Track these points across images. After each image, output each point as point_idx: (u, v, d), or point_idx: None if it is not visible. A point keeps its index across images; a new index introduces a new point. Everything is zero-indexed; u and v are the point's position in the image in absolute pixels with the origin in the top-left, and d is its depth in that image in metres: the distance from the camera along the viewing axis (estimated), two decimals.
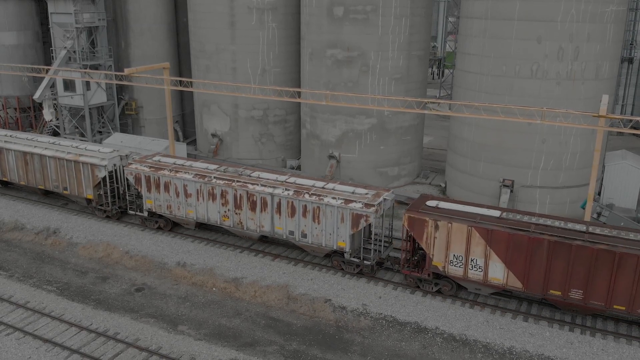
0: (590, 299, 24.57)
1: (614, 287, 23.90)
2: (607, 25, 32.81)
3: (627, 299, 23.86)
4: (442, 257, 26.77)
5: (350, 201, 28.44)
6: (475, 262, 26.13)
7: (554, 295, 25.20)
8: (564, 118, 31.14)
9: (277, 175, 31.89)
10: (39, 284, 29.15)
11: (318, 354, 23.55)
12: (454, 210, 27.02)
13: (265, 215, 30.41)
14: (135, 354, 23.44)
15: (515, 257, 25.27)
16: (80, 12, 46.08)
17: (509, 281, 25.76)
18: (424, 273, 27.66)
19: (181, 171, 32.54)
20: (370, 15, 38.04)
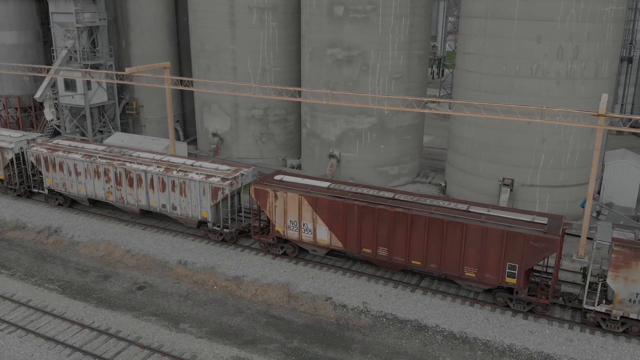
0: (394, 256, 28.17)
1: (410, 244, 27.43)
2: (607, 24, 32.92)
3: (421, 254, 27.40)
4: (282, 222, 30.36)
5: (211, 176, 32.05)
6: (306, 226, 29.83)
7: (366, 252, 28.82)
8: (564, 117, 31.25)
9: (154, 154, 35.94)
10: (40, 283, 29.26)
11: (319, 352, 23.66)
12: (292, 183, 30.84)
13: (141, 190, 34.03)
14: (137, 352, 23.55)
15: (335, 221, 28.91)
16: (81, 11, 46.18)
17: (332, 242, 29.49)
18: (269, 237, 31.30)
19: (73, 152, 36.33)
20: (370, 15, 38.15)
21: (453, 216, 26.47)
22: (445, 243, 26.56)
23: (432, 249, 26.97)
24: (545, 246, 24.68)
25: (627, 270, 23.43)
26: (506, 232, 25.15)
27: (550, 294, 25.78)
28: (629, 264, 23.35)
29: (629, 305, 23.86)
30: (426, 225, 26.73)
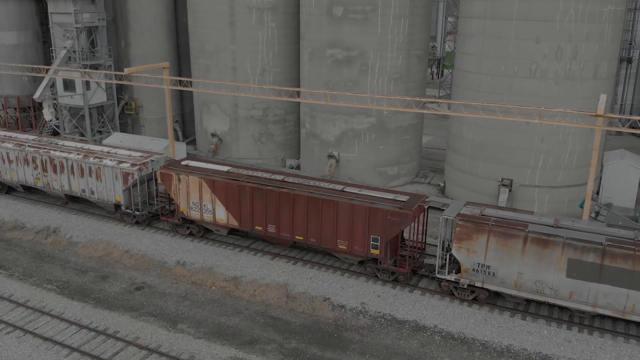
0: (281, 232, 30.56)
1: (293, 221, 29.88)
2: (606, 25, 32.91)
3: (303, 230, 29.76)
4: (186, 204, 32.72)
5: (122, 162, 34.65)
6: (206, 207, 32.09)
7: (258, 230, 31.19)
8: (563, 117, 31.26)
9: (76, 143, 38.67)
10: (39, 283, 29.24)
11: (317, 352, 23.65)
12: (195, 167, 33.10)
13: (64, 176, 36.77)
14: (135, 352, 23.54)
15: (231, 201, 31.27)
16: (80, 12, 46.16)
17: (229, 221, 31.75)
18: (175, 218, 33.60)
19: (7, 141, 38.82)
20: (369, 15, 38.14)
21: (328, 195, 29.05)
22: (321, 219, 29.14)
23: (311, 225, 29.53)
24: (400, 220, 27.35)
25: (469, 242, 25.89)
26: (369, 208, 27.86)
27: (408, 264, 28.16)
28: (470, 236, 25.81)
29: (473, 274, 26.29)
30: (306, 203, 29.31)
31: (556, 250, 24.53)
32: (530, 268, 25.08)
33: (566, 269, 24.49)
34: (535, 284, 25.27)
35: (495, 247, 25.47)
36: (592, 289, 24.39)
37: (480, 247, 25.73)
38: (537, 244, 24.77)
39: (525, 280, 25.37)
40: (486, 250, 25.64)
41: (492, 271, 25.83)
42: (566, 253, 24.39)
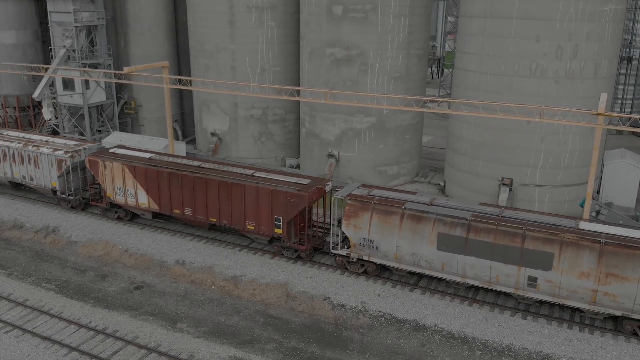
0: (197, 215, 32.64)
1: (207, 204, 31.85)
2: (606, 24, 32.84)
3: (216, 212, 31.86)
4: (112, 189, 34.89)
5: (57, 150, 36.67)
6: (130, 192, 34.24)
7: (176, 212, 33.17)
8: (563, 116, 31.20)
9: (18, 132, 40.93)
10: (38, 282, 29.17)
11: (317, 352, 23.57)
12: (120, 154, 35.35)
13: (6, 164, 38.89)
14: (134, 352, 23.46)
15: (151, 186, 33.38)
16: (79, 11, 46.09)
17: (150, 205, 33.90)
18: (103, 203, 35.84)
19: None
20: (369, 14, 38.07)
21: (237, 179, 31.10)
22: (232, 202, 31.26)
23: (223, 207, 31.61)
24: (298, 201, 29.51)
25: (356, 219, 28.18)
26: (271, 190, 30.06)
27: (308, 242, 30.34)
28: (357, 214, 28.11)
29: (360, 249, 28.54)
30: (217, 187, 31.42)
31: (428, 225, 26.66)
32: (406, 242, 27.17)
33: (437, 242, 26.45)
34: (412, 256, 27.33)
35: (377, 223, 27.67)
36: (460, 260, 26.25)
37: (365, 223, 27.93)
38: (412, 219, 27.02)
39: (404, 253, 27.47)
40: (369, 226, 27.88)
41: (376, 245, 28.02)
42: (436, 228, 26.44)
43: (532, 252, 24.79)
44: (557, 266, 24.46)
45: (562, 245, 24.41)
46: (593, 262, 23.95)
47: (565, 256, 24.32)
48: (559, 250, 24.42)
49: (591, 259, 23.97)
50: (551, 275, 24.67)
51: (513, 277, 25.48)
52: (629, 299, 23.77)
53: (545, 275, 24.79)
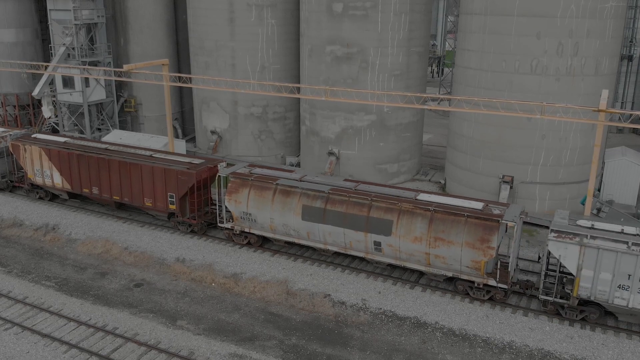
0: (103, 193, 35.25)
1: (111, 183, 34.48)
2: (607, 21, 32.76)
3: (119, 191, 34.51)
4: (32, 171, 37.65)
5: None
6: (46, 173, 37.09)
7: (85, 191, 35.95)
8: (564, 113, 31.11)
9: None
10: (37, 280, 29.08)
11: (317, 349, 23.48)
12: (39, 139, 37.76)
13: None
14: (134, 349, 23.37)
15: (64, 167, 36.11)
16: (79, 8, 45.98)
17: (64, 185, 36.66)
18: (25, 184, 38.92)
19: None
20: (369, 12, 37.99)
21: (135, 159, 33.55)
22: (131, 181, 33.78)
23: (124, 186, 34.16)
24: (187, 178, 32.04)
25: (236, 195, 30.69)
26: (164, 169, 32.57)
27: (198, 217, 32.98)
28: (237, 190, 30.69)
29: (242, 222, 31.29)
30: (119, 167, 33.99)
31: (295, 199, 29.38)
32: (278, 214, 29.78)
33: (301, 213, 29.09)
34: (283, 227, 29.99)
35: (254, 197, 30.28)
36: (320, 229, 28.96)
37: (244, 198, 30.51)
38: (282, 194, 29.74)
39: (277, 224, 30.07)
40: (248, 201, 30.41)
41: (254, 218, 30.60)
42: (301, 200, 29.19)
43: (376, 220, 27.40)
44: (396, 232, 27.02)
45: (399, 214, 26.98)
46: (424, 228, 26.34)
47: (402, 223, 26.85)
48: (397, 217, 26.97)
49: (423, 225, 26.39)
50: (391, 240, 27.23)
51: (362, 243, 28.16)
52: (455, 261, 26.07)
53: (387, 240, 27.37)
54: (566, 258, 23.93)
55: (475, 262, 25.56)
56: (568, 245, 23.76)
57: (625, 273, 23.18)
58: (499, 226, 25.14)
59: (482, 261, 25.38)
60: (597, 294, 23.91)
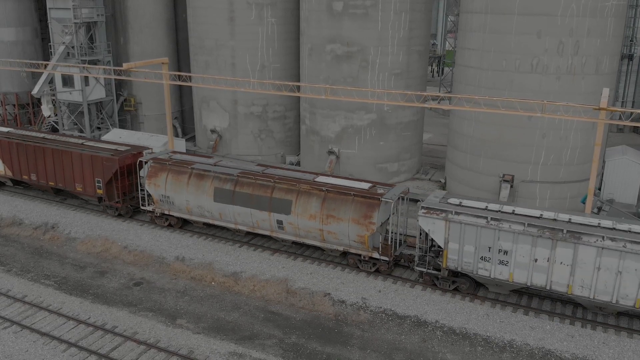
0: (40, 179, 37.39)
1: (46, 170, 36.88)
2: (608, 19, 32.68)
3: (54, 177, 36.68)
4: None
5: None
6: None
7: (25, 178, 38.12)
8: (565, 111, 31.03)
9: None
10: (36, 278, 29.00)
11: (317, 348, 23.41)
12: None
13: None
14: (133, 347, 23.29)
15: (5, 155, 38.46)
16: (78, 7, 45.91)
17: (6, 172, 39.01)
18: None
19: None
20: (369, 10, 37.92)
21: (67, 147, 35.87)
22: (64, 167, 35.86)
23: (58, 172, 36.28)
24: (111, 164, 34.32)
25: (155, 178, 32.79)
26: (91, 156, 34.77)
27: (122, 199, 35.19)
28: (156, 174, 32.79)
29: (161, 204, 33.36)
30: (52, 155, 36.09)
31: (208, 182, 31.44)
32: (193, 196, 31.86)
33: (213, 195, 31.17)
34: (198, 208, 32.08)
35: (172, 181, 32.33)
36: (230, 210, 31.07)
37: (162, 182, 32.55)
38: (197, 177, 31.80)
39: (192, 206, 32.15)
40: (166, 184, 32.43)
41: (172, 200, 32.70)
42: (213, 183, 31.27)
43: (278, 200, 29.69)
44: (295, 211, 29.29)
45: (298, 194, 29.29)
46: (318, 206, 28.71)
47: (300, 202, 29.13)
48: (296, 198, 29.27)
49: (317, 204, 28.75)
50: (291, 219, 29.50)
51: (267, 222, 30.38)
52: (345, 236, 28.36)
53: (287, 219, 29.65)
54: (434, 232, 26.13)
55: (360, 236, 27.94)
56: (435, 220, 25.93)
57: (486, 246, 25.12)
58: (379, 204, 27.55)
59: (365, 235, 27.76)
60: (464, 265, 25.96)
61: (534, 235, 24.03)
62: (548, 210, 25.60)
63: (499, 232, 24.64)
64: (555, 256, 24.01)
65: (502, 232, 24.58)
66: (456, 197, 27.60)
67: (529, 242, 24.26)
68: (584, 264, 23.68)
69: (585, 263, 23.64)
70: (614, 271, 23.33)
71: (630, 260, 22.93)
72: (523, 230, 24.21)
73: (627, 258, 22.96)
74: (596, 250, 23.32)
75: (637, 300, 23.33)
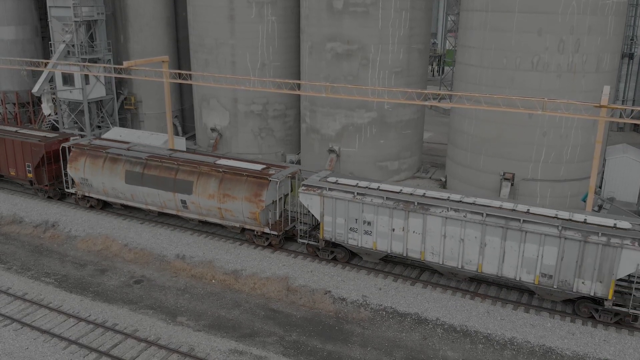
0: None
1: None
2: (608, 17, 32.66)
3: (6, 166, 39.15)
4: None
5: None
6: None
7: None
8: (565, 109, 31.01)
9: None
10: (37, 276, 28.98)
11: (318, 345, 23.39)
12: None
13: None
14: (134, 345, 23.28)
15: None
16: (79, 5, 45.84)
17: None
18: None
19: None
20: (370, 8, 37.88)
21: (2, 135, 38.45)
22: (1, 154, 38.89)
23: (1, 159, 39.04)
24: (38, 150, 36.82)
25: (76, 163, 35.55)
26: (22, 142, 37.58)
27: (50, 183, 37.73)
28: (76, 159, 35.57)
29: (82, 187, 36.20)
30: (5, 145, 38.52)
31: (120, 165, 34.06)
32: (107, 178, 34.48)
33: (125, 177, 33.74)
34: (113, 190, 34.67)
35: (89, 165, 34.98)
36: (140, 191, 33.64)
37: (81, 166, 35.19)
38: (111, 161, 34.49)
39: (107, 187, 34.82)
40: (84, 168, 35.06)
41: (90, 183, 35.36)
42: (125, 166, 33.87)
43: (181, 181, 32.17)
44: (196, 191, 31.78)
45: (198, 175, 31.76)
46: (216, 186, 31.20)
47: (200, 183, 31.61)
48: (197, 179, 31.74)
49: (215, 184, 31.25)
50: (193, 198, 31.99)
51: (173, 202, 32.89)
52: (239, 213, 30.92)
53: (189, 199, 32.11)
54: (312, 207, 29.00)
55: (252, 213, 30.51)
56: (312, 196, 28.81)
57: (353, 218, 28.06)
58: (268, 183, 30.14)
59: (257, 212, 30.35)
60: (337, 236, 28.86)
61: (391, 207, 26.92)
62: (407, 187, 28.67)
63: (362, 205, 27.59)
64: (409, 226, 26.83)
65: (365, 205, 27.55)
66: (335, 176, 30.33)
67: (387, 214, 27.15)
68: (432, 233, 26.46)
69: (434, 232, 26.40)
70: (457, 239, 25.94)
71: (470, 229, 25.49)
72: (382, 203, 27.08)
73: (468, 227, 25.53)
74: (441, 220, 26.00)
75: (479, 265, 25.83)
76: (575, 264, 24.00)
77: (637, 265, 23.10)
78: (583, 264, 23.90)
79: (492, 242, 25.19)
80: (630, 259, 23.11)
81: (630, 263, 23.16)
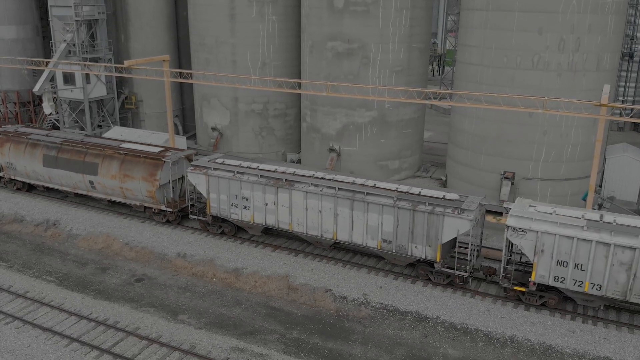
0: None
1: None
2: (608, 16, 32.71)
3: None
4: None
5: None
6: None
7: None
8: (566, 108, 31.06)
9: None
10: (38, 275, 29.05)
11: (319, 343, 23.46)
12: None
13: None
14: (135, 342, 23.35)
15: None
16: (79, 5, 45.91)
17: None
18: None
19: None
20: (370, 7, 37.94)
21: None
22: None
23: None
24: None
25: (2, 148, 38.54)
26: None
27: None
28: (3, 144, 38.60)
29: (8, 170, 38.92)
30: None
31: (39, 150, 37.18)
32: (28, 162, 37.62)
33: (42, 161, 36.89)
34: (34, 172, 37.76)
35: (13, 150, 38.17)
36: (55, 173, 36.69)
37: (7, 151, 38.46)
38: (31, 146, 37.55)
39: (28, 170, 37.97)
40: (9, 153, 38.28)
41: (15, 167, 38.54)
42: (42, 151, 36.98)
43: (89, 163, 35.20)
44: (101, 172, 34.80)
45: (103, 158, 34.87)
46: (118, 167, 34.22)
47: (104, 165, 34.70)
48: (102, 161, 34.82)
49: (117, 166, 34.28)
50: (99, 179, 35.04)
51: (82, 182, 35.82)
52: (139, 192, 33.97)
53: (96, 179, 35.14)
54: (199, 185, 31.94)
55: (149, 191, 33.44)
56: (199, 175, 31.69)
57: (234, 194, 31.05)
58: (163, 164, 33.11)
59: (153, 191, 33.27)
60: (222, 211, 31.79)
61: (263, 184, 29.93)
62: (281, 166, 31.30)
63: (241, 182, 30.56)
64: (279, 200, 29.90)
65: (243, 183, 30.52)
66: (222, 157, 32.90)
67: (261, 190, 30.18)
68: (297, 206, 29.54)
69: (298, 205, 29.49)
70: (316, 210, 29.09)
71: (326, 201, 28.69)
72: (257, 180, 30.08)
73: (324, 200, 28.70)
74: (304, 194, 29.12)
75: (334, 234, 29.01)
76: (408, 230, 27.17)
77: (457, 231, 26.05)
78: (414, 231, 27.08)
79: (343, 213, 28.47)
80: (451, 225, 26.11)
81: (452, 229, 26.16)
